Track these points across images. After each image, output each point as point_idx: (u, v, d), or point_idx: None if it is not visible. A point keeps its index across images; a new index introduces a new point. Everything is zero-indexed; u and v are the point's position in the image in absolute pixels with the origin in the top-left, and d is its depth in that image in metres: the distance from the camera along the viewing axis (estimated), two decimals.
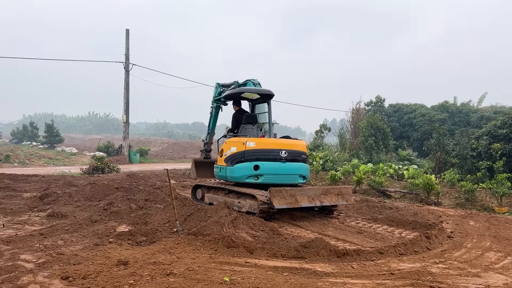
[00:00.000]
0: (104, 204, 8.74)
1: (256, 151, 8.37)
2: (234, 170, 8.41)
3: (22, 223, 7.48)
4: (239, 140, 8.64)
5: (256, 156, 8.34)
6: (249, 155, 8.31)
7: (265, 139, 8.90)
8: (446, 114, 29.47)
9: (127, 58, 26.73)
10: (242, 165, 8.32)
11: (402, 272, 5.03)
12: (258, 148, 8.40)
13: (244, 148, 8.34)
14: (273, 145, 8.59)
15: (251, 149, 8.34)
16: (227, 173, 8.62)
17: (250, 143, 8.37)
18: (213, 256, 5.46)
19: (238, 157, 8.38)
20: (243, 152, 8.34)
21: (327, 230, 7.55)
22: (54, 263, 5.03)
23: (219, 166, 9.01)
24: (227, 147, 8.78)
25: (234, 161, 8.44)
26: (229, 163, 8.56)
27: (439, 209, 10.81)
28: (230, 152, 8.58)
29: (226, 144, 8.88)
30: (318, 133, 28.27)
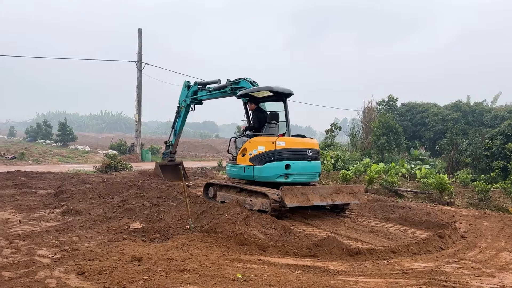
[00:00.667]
0: (117, 201, 8.84)
1: (287, 150, 8.42)
2: (264, 170, 8.37)
3: (38, 220, 7.60)
4: (266, 139, 8.59)
5: (287, 155, 8.40)
6: (280, 154, 8.33)
7: (293, 138, 8.92)
8: (459, 113, 29.15)
9: (139, 57, 26.93)
10: (273, 164, 8.31)
11: (415, 272, 5.01)
12: (288, 147, 8.45)
13: (273, 147, 8.33)
14: (300, 144, 8.71)
15: (281, 148, 8.36)
16: (255, 172, 8.51)
17: (280, 142, 8.40)
18: (226, 253, 5.50)
19: (268, 157, 8.35)
20: (273, 152, 8.33)
21: (339, 229, 7.54)
22: (69, 259, 5.11)
23: (242, 166, 8.82)
24: (252, 147, 8.67)
25: (263, 160, 8.39)
26: (256, 163, 8.48)
27: (452, 209, 10.71)
28: (257, 152, 8.50)
29: (251, 143, 8.76)
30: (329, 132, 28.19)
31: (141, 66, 26.89)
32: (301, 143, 8.78)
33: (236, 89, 11.21)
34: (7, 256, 5.16)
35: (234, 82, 11.30)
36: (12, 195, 10.46)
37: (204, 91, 13.07)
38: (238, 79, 11.17)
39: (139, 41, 27.12)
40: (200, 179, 16.53)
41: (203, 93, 13.11)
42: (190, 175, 17.89)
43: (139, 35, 27.22)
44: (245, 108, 10.43)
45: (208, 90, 12.80)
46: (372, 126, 23.24)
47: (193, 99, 13.36)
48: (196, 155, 40.48)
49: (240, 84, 11.10)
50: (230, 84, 11.41)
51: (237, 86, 11.19)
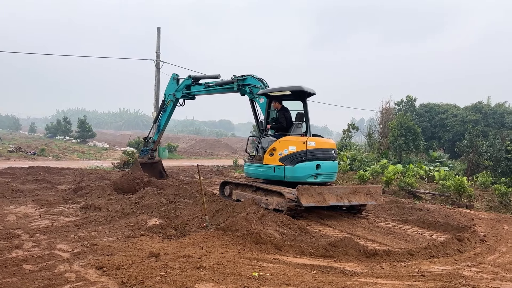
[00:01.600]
0: (135, 198, 8.95)
1: (317, 151, 8.51)
2: (296, 170, 8.33)
3: (58, 214, 7.75)
4: (297, 139, 8.60)
5: (317, 156, 8.47)
6: (311, 155, 8.38)
7: (320, 139, 8.98)
8: (479, 115, 28.60)
9: (158, 56, 27.16)
10: (305, 164, 8.33)
11: (433, 274, 4.95)
12: (318, 147, 8.54)
13: (305, 148, 8.36)
14: (327, 144, 8.84)
15: (312, 148, 8.41)
16: (287, 173, 8.42)
17: (310, 142, 8.45)
18: (242, 251, 5.52)
19: (299, 157, 8.35)
20: (304, 152, 8.35)
21: (355, 230, 7.49)
22: (88, 253, 5.21)
23: (272, 166, 8.67)
24: (282, 146, 8.57)
25: (295, 160, 8.36)
26: (288, 163, 8.41)
27: (471, 212, 10.52)
28: (288, 152, 8.44)
29: (281, 143, 8.64)
30: (345, 132, 27.98)
31: (160, 64, 27.12)
32: (327, 144, 8.91)
33: (242, 86, 10.82)
34: (28, 250, 5.29)
35: (241, 79, 10.85)
36: (32, 190, 10.70)
37: (200, 85, 12.24)
38: (245, 76, 10.75)
39: (158, 39, 27.35)
40: (216, 177, 16.61)
41: (198, 88, 12.29)
42: (206, 173, 18.00)
43: (158, 34, 27.45)
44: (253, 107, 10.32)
45: (208, 85, 11.95)
46: (390, 127, 22.97)
47: (186, 94, 12.48)
48: (212, 153, 40.68)
49: (246, 80, 10.70)
50: (237, 80, 10.92)
51: (244, 83, 10.78)
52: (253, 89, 10.46)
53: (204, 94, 12.41)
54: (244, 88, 10.79)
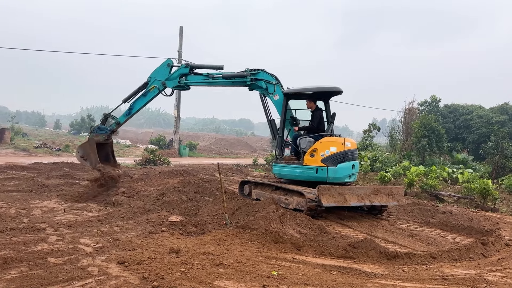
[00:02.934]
0: (157, 195, 9.07)
1: (352, 151, 8.71)
2: (338, 171, 8.40)
3: (81, 209, 7.93)
4: (336, 140, 8.68)
5: (352, 156, 8.66)
6: (348, 155, 8.57)
7: (351, 139, 9.12)
8: (506, 116, 27.84)
9: (180, 54, 27.43)
10: (344, 165, 8.49)
11: (455, 278, 4.85)
12: (353, 148, 8.75)
13: (343, 148, 8.50)
14: (355, 145, 9.03)
15: (349, 149, 8.60)
16: (329, 174, 8.37)
17: (347, 143, 8.64)
18: (261, 250, 5.53)
19: (340, 157, 8.47)
20: (343, 152, 8.49)
21: (376, 231, 7.40)
22: (110, 248, 5.31)
23: (314, 167, 8.48)
24: (324, 147, 8.49)
25: (336, 161, 8.43)
26: (330, 164, 8.39)
27: (496, 216, 10.26)
28: (330, 152, 8.42)
29: (322, 144, 8.53)
30: (367, 132, 27.66)
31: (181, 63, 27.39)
32: (354, 144, 9.08)
33: (255, 80, 10.31)
34: (52, 243, 5.43)
35: (253, 73, 10.29)
36: (57, 185, 10.97)
37: (201, 76, 11.19)
38: (257, 70, 10.25)
39: (180, 39, 27.63)
40: (235, 176, 16.66)
41: (197, 79, 11.24)
42: (226, 171, 18.06)
43: (180, 33, 27.72)
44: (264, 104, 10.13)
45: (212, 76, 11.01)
46: (413, 127, 22.59)
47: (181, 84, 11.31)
48: (232, 152, 40.84)
49: (258, 75, 10.24)
50: (250, 74, 10.34)
51: (257, 78, 10.32)
52: (268, 84, 10.19)
53: (203, 85, 11.49)
54: (257, 83, 10.33)
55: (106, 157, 11.07)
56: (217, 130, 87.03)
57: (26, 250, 5.04)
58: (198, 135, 58.38)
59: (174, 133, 29.40)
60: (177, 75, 11.08)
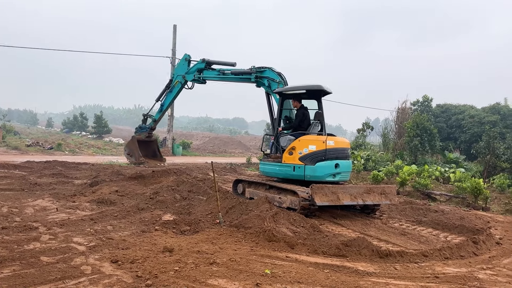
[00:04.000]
0: (150, 193, 9.05)
1: (336, 150, 8.56)
2: (317, 169, 8.38)
3: (74, 208, 7.89)
4: (317, 138, 8.65)
5: (336, 155, 8.53)
6: (330, 154, 8.46)
7: (339, 138, 9.04)
8: (497, 116, 28.08)
9: (173, 53, 27.37)
10: (325, 163, 8.39)
11: (447, 276, 4.91)
12: (337, 146, 8.59)
13: (324, 147, 8.42)
14: (344, 144, 8.93)
15: (331, 147, 8.47)
16: (307, 172, 8.43)
17: (330, 141, 8.52)
18: (254, 248, 5.55)
19: (320, 156, 8.40)
20: (324, 151, 8.41)
21: (369, 230, 7.45)
22: (104, 247, 5.29)
23: (291, 165, 8.66)
24: (302, 145, 8.57)
25: (315, 159, 8.40)
26: (308, 162, 8.43)
27: (487, 215, 10.37)
28: (309, 151, 8.46)
29: (300, 142, 8.64)
30: (360, 131, 27.79)
31: (175, 62, 27.31)
32: (344, 143, 8.99)
33: (260, 78, 10.54)
34: (45, 242, 5.40)
35: (259, 70, 10.56)
36: (50, 183, 10.91)
37: (214, 71, 11.92)
38: (263, 68, 10.46)
39: (174, 37, 27.57)
40: (229, 175, 16.66)
41: (211, 74, 11.97)
42: (220, 170, 18.06)
43: (174, 31, 27.67)
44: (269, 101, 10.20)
45: (223, 72, 11.67)
46: (406, 127, 22.72)
47: (197, 78, 12.09)
48: (225, 151, 40.82)
49: (265, 73, 10.43)
50: (255, 71, 10.63)
51: (262, 75, 10.51)
52: (272, 82, 10.23)
53: (217, 80, 12.07)
54: (262, 80, 10.52)
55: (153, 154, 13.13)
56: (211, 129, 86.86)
57: (18, 249, 5.01)
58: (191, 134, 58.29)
59: (167, 132, 29.34)
60: (194, 70, 11.80)
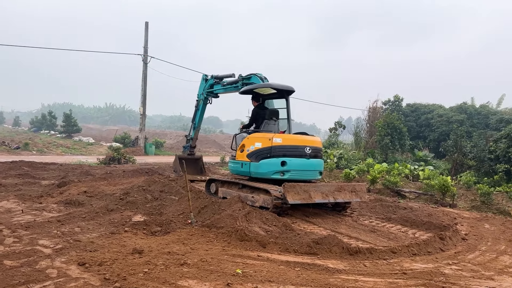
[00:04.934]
0: (120, 194, 8.88)
1: (283, 147, 8.39)
2: (260, 166, 8.42)
3: (40, 210, 7.65)
4: (264, 135, 8.63)
5: (283, 152, 8.36)
6: (276, 151, 8.33)
7: (290, 135, 8.95)
8: (464, 115, 29.00)
9: (145, 50, 26.97)
10: (269, 161, 8.32)
11: (414, 272, 5.02)
12: (285, 144, 8.43)
13: (270, 144, 8.35)
14: (298, 141, 8.65)
15: (278, 145, 8.36)
16: (251, 168, 8.57)
17: (276, 139, 8.40)
18: (226, 248, 5.52)
19: (264, 153, 8.39)
20: (269, 148, 8.35)
21: (340, 227, 7.55)
22: (71, 249, 5.15)
23: (240, 162, 8.92)
24: (249, 143, 8.73)
25: (259, 157, 8.44)
26: (253, 159, 8.53)
27: (454, 211, 10.69)
28: (254, 148, 8.55)
29: (249, 139, 8.82)
30: (333, 130, 28.16)
31: (147, 59, 26.92)
32: (299, 140, 8.70)
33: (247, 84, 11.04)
34: (9, 245, 5.21)
35: (246, 78, 11.17)
36: (15, 184, 10.55)
37: (219, 84, 13.02)
38: (250, 75, 11.01)
39: (146, 34, 27.15)
40: None
41: (218, 87, 13.05)
42: None
43: (146, 29, 27.25)
44: None
45: (223, 84, 12.72)
46: (377, 126, 23.17)
47: (210, 93, 13.30)
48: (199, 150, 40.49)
49: (251, 79, 10.93)
50: (242, 79, 11.33)
51: (248, 82, 11.06)
52: None
53: (222, 92, 13.11)
54: None
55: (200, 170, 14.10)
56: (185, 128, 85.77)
57: None
58: (165, 133, 57.57)
59: (139, 130, 28.92)
60: (208, 86, 13.16)
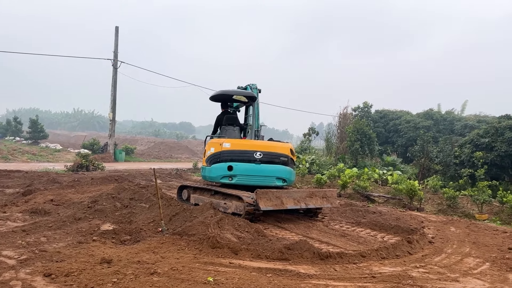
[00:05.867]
0: (88, 202, 8.67)
1: (231, 152, 8.59)
2: (211, 170, 8.74)
3: (4, 219, 7.38)
4: (217, 141, 8.95)
5: (231, 157, 8.56)
6: (224, 156, 8.57)
7: (240, 140, 9.10)
8: (430, 121, 29.90)
9: (115, 55, 26.54)
10: (218, 165, 8.62)
11: (383, 276, 5.12)
12: (233, 149, 8.63)
13: (220, 149, 8.62)
14: (247, 146, 8.74)
15: (226, 150, 8.64)
16: (206, 172, 8.97)
17: (226, 144, 8.70)
18: (198, 256, 5.48)
19: (215, 158, 8.72)
20: (219, 153, 8.65)
21: (311, 232, 7.63)
22: (36, 260, 5.00)
23: (203, 166, 9.31)
24: (208, 148, 9.09)
25: (212, 161, 8.73)
26: (208, 163, 8.84)
27: (421, 215, 10.97)
28: (210, 153, 8.86)
29: (208, 145, 9.19)
30: (305, 136, 28.45)
31: (117, 64, 26.49)
32: (248, 145, 8.76)
33: None
34: None
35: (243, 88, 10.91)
36: None
37: None
38: (246, 86, 10.80)
39: (116, 39, 26.74)
40: (174, 180, 16.39)
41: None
42: (164, 176, 17.72)
43: (116, 33, 26.84)
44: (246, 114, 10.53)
45: None
46: (347, 131, 23.57)
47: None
48: (171, 156, 40.09)
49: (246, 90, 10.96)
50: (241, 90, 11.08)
51: None
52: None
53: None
54: None
55: None
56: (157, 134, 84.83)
57: None
58: (135, 139, 56.65)
59: (109, 136, 28.34)
60: None
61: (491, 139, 17.03)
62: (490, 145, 16.92)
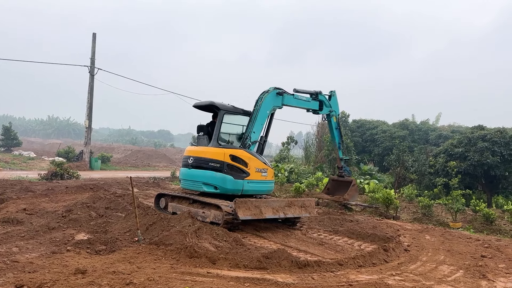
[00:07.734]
0: (62, 211, 8.47)
1: (183, 158, 9.57)
2: (180, 174, 9.67)
3: None
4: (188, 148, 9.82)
5: (185, 162, 9.38)
6: (184, 161, 9.48)
7: (194, 147, 9.56)
8: (406, 131, 30.53)
9: (92, 62, 26.17)
10: (183, 169, 9.51)
11: (360, 284, 5.17)
12: (185, 155, 9.56)
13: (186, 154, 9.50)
14: (187, 152, 9.58)
15: (185, 155, 9.53)
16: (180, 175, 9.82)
17: (186, 150, 9.65)
18: (175, 266, 5.41)
19: (183, 162, 9.59)
20: (185, 157, 9.44)
21: (289, 241, 7.64)
22: (8, 271, 4.84)
23: None
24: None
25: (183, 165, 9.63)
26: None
27: (397, 223, 11.15)
28: None
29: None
30: (284, 145, 28.61)
31: (94, 71, 26.13)
32: (188, 151, 9.55)
33: None
34: None
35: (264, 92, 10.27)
36: None
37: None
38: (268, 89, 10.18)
39: (93, 46, 26.39)
40: (152, 189, 16.17)
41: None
42: (141, 185, 17.46)
43: (93, 40, 26.50)
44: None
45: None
46: (325, 141, 23.82)
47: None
48: (149, 164, 39.56)
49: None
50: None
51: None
52: None
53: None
54: None
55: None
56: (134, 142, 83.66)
57: None
58: (112, 147, 55.69)
59: (84, 144, 27.80)
60: None
61: (465, 149, 17.51)
62: (464, 154, 17.39)
